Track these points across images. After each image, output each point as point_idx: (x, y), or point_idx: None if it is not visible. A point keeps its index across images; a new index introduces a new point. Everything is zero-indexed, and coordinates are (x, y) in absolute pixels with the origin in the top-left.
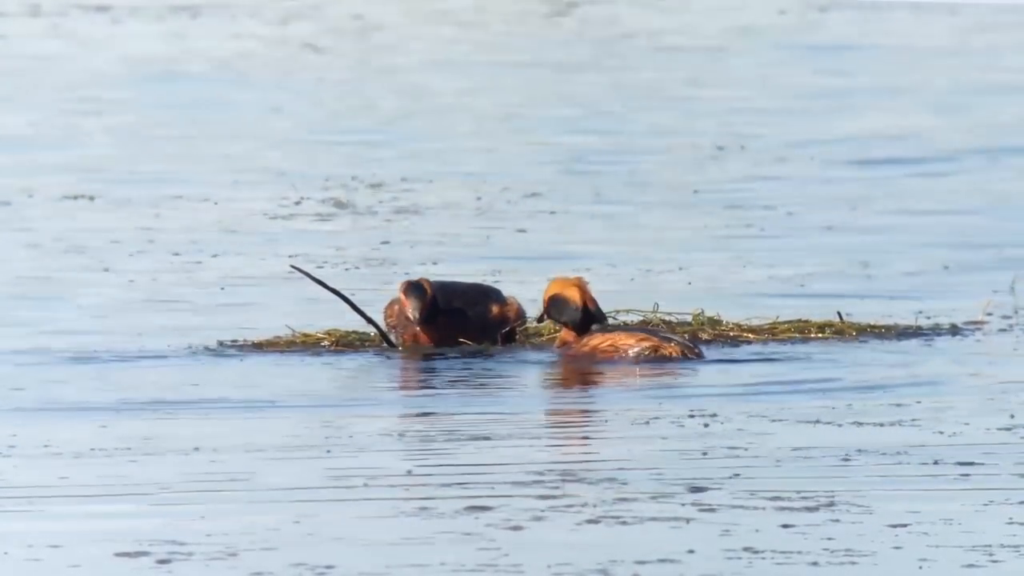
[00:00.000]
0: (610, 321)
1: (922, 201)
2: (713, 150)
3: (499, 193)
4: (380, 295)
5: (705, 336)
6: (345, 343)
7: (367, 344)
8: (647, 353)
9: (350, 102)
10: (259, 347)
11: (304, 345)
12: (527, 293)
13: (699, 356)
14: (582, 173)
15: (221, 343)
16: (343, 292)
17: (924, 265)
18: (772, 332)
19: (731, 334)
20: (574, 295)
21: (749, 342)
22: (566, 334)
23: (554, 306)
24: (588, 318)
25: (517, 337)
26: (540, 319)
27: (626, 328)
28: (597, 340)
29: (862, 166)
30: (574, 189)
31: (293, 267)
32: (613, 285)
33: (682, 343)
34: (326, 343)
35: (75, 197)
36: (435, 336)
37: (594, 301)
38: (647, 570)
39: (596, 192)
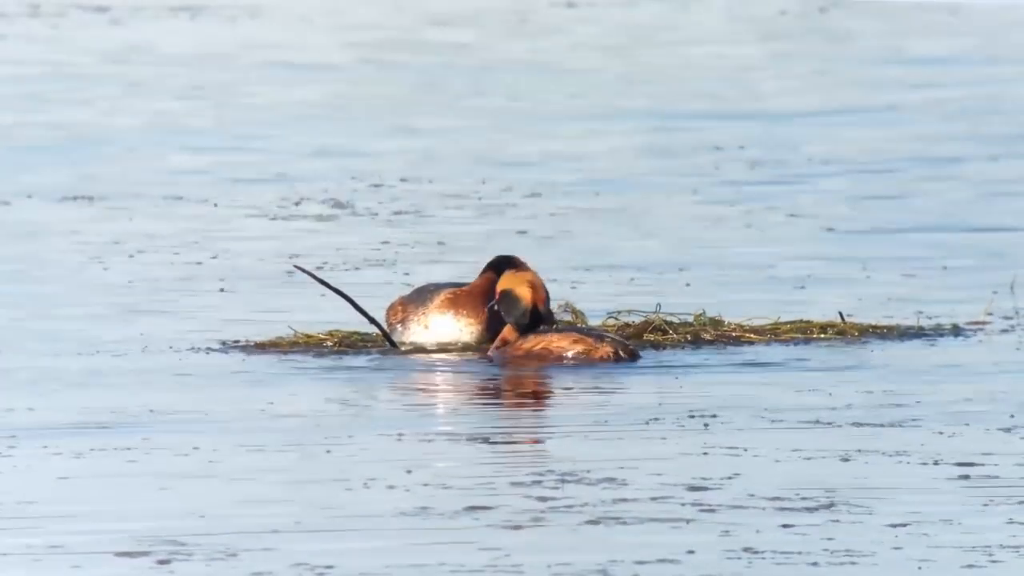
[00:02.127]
0: (611, 321)
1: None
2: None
3: (499, 193)
4: (381, 295)
5: (707, 336)
6: (347, 343)
7: (369, 344)
8: (581, 355)
9: (351, 100)
10: (261, 347)
11: (307, 345)
12: None
13: (633, 356)
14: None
15: (223, 343)
16: (345, 292)
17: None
18: (774, 333)
19: (733, 334)
20: (525, 294)
21: (751, 343)
22: (508, 332)
23: (503, 302)
24: (536, 319)
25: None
26: (492, 308)
27: (558, 330)
28: (531, 343)
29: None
30: (575, 190)
31: (296, 267)
32: (613, 285)
33: (616, 342)
34: (328, 343)
35: (74, 198)
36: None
37: (545, 302)
38: (647, 570)
39: (596, 192)
